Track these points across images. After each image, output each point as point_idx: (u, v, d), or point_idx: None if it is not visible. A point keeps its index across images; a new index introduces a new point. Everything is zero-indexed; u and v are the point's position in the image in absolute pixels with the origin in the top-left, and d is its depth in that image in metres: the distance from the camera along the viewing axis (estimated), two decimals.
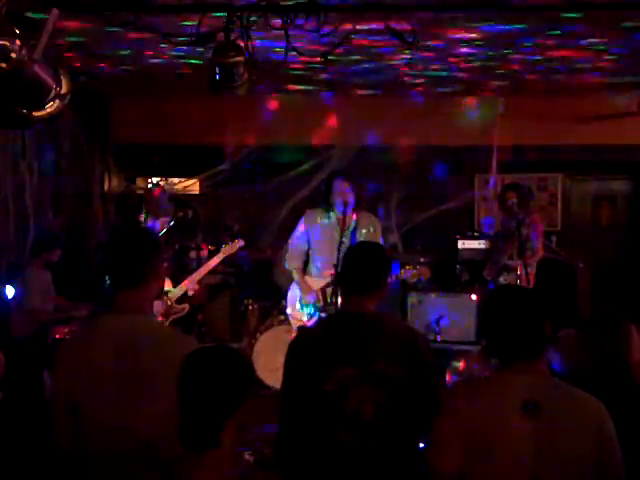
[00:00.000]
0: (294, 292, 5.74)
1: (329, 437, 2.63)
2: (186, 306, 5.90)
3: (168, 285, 5.80)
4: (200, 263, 6.68)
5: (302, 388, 2.68)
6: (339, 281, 2.88)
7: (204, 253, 6.96)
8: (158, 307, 5.65)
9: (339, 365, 2.63)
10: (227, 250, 6.11)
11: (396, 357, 2.65)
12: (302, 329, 5.53)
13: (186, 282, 5.90)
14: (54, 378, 2.65)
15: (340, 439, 2.62)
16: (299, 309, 5.67)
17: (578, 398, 2.37)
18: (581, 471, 2.28)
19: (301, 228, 5.65)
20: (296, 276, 5.64)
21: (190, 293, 5.90)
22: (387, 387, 2.62)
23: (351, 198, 5.40)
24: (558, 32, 4.80)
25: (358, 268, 2.81)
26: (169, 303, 5.81)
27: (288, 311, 5.84)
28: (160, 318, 5.63)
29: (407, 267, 5.57)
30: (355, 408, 2.61)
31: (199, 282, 6.01)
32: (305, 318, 5.58)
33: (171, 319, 5.78)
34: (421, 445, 2.76)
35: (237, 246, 6.13)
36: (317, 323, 3.14)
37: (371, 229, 5.58)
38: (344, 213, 5.37)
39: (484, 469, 2.30)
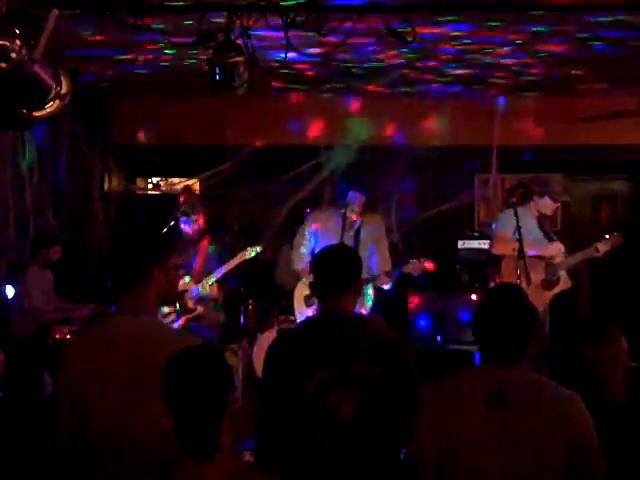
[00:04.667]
0: (300, 291, 5.75)
1: (308, 439, 2.61)
2: (198, 308, 5.55)
3: (190, 284, 5.62)
4: None
5: (281, 389, 2.65)
6: (315, 281, 2.84)
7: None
8: (169, 307, 5.47)
9: (319, 366, 2.61)
10: (249, 253, 5.69)
11: (376, 359, 2.63)
12: (282, 330, 5.56)
13: (203, 282, 5.56)
14: (58, 379, 2.65)
15: (318, 441, 2.59)
16: (306, 307, 5.68)
17: (547, 388, 2.39)
18: (552, 462, 2.29)
19: (306, 229, 5.67)
20: (304, 277, 5.64)
21: (203, 294, 5.55)
22: (366, 389, 2.60)
23: (360, 209, 5.44)
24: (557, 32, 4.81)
25: (332, 266, 2.79)
26: (185, 303, 5.49)
27: (295, 310, 5.82)
28: (172, 317, 5.49)
29: (411, 260, 5.54)
30: (334, 410, 2.58)
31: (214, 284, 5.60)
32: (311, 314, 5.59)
33: (184, 319, 5.59)
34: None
35: (255, 252, 5.71)
36: (298, 324, 3.12)
37: (375, 229, 5.59)
38: (347, 216, 5.41)
39: (455, 462, 2.34)
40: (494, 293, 2.70)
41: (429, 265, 5.50)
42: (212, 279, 5.57)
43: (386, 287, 5.48)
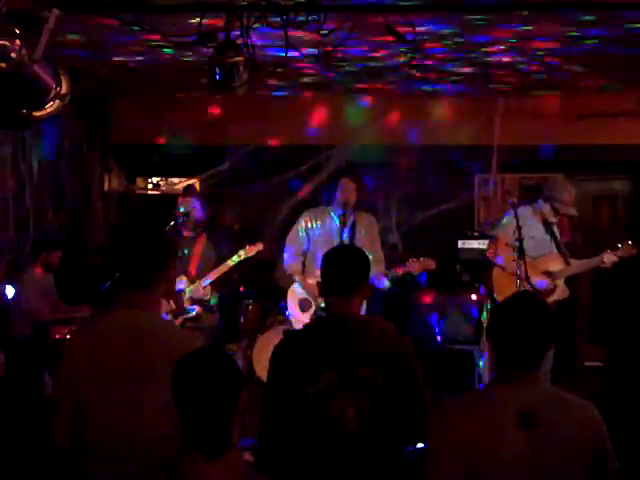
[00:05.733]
0: (294, 295, 5.72)
1: (311, 442, 2.59)
2: (196, 308, 5.50)
3: (185, 284, 5.56)
4: None
5: (286, 392, 2.63)
6: (322, 282, 2.83)
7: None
8: (166, 307, 5.43)
9: (324, 369, 2.59)
10: (244, 253, 5.64)
11: (382, 362, 2.61)
12: (288, 332, 5.54)
13: (196, 282, 5.51)
14: (57, 375, 2.65)
15: (322, 444, 2.58)
16: (301, 312, 5.66)
17: (573, 406, 2.38)
18: (580, 473, 2.28)
19: (299, 228, 5.63)
20: (298, 279, 5.61)
21: (193, 294, 5.49)
22: (371, 392, 2.58)
23: (353, 199, 5.41)
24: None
25: (340, 267, 2.76)
26: (181, 303, 5.45)
27: (289, 313, 5.79)
28: (169, 317, 5.43)
29: (412, 260, 5.51)
30: (338, 413, 2.56)
31: (210, 284, 5.53)
32: (308, 320, 5.57)
33: (181, 320, 5.43)
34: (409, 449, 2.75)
35: (256, 250, 5.67)
36: (304, 326, 3.09)
37: (369, 230, 5.57)
38: (344, 212, 5.38)
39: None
40: (511, 300, 2.63)
41: (430, 263, 5.46)
42: (206, 282, 5.51)
43: (382, 287, 5.42)
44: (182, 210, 5.57)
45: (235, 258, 5.59)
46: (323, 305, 5.44)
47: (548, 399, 2.36)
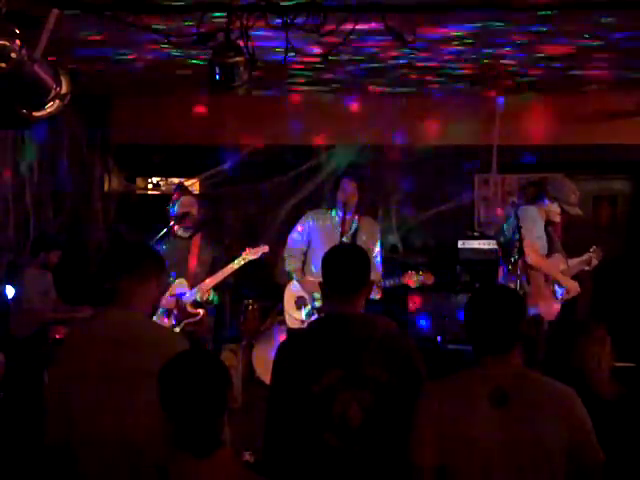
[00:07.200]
0: (291, 293, 5.72)
1: (315, 440, 2.60)
2: (200, 311, 5.39)
3: (185, 288, 5.48)
4: None
5: (290, 390, 2.64)
6: (324, 282, 2.82)
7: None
8: (165, 303, 5.37)
9: (328, 367, 2.60)
10: (248, 255, 5.52)
11: (385, 361, 2.61)
12: (292, 331, 5.53)
13: (200, 286, 5.37)
14: (49, 374, 2.67)
15: (326, 442, 2.58)
16: (296, 309, 5.66)
17: (547, 385, 2.42)
18: (555, 457, 2.31)
19: (300, 228, 5.63)
20: (297, 277, 5.62)
21: (199, 298, 5.36)
22: (375, 391, 2.59)
23: (354, 199, 5.38)
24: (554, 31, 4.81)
25: (343, 267, 2.76)
26: (184, 307, 5.33)
27: (285, 312, 5.79)
28: (171, 321, 5.38)
29: (410, 272, 5.49)
30: (342, 411, 2.57)
31: (213, 287, 5.41)
32: (302, 318, 5.57)
33: (184, 323, 5.33)
34: None
35: (260, 252, 5.56)
36: (307, 325, 3.10)
37: (371, 236, 5.55)
38: (344, 214, 5.35)
39: (460, 463, 2.35)
40: (481, 290, 2.71)
41: (428, 278, 5.43)
42: (209, 285, 5.43)
43: (377, 297, 5.36)
44: (178, 210, 5.52)
45: (240, 260, 5.54)
46: (318, 305, 5.48)
47: (521, 378, 2.41)
